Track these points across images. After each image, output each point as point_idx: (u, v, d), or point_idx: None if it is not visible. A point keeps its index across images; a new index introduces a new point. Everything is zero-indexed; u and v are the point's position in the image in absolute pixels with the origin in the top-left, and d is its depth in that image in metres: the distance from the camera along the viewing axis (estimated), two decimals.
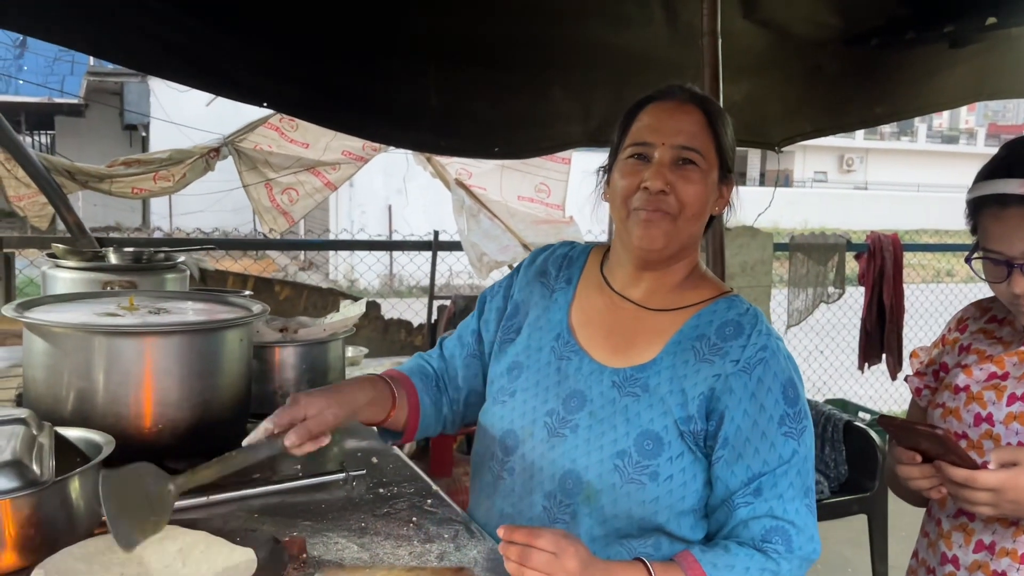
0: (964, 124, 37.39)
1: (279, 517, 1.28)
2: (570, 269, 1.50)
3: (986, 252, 1.37)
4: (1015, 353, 1.39)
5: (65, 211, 3.54)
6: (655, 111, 1.37)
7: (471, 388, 1.54)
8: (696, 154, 1.33)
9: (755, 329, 1.33)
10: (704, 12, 2.73)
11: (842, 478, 3.09)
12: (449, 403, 1.55)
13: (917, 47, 3.52)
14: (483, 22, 3.05)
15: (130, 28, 2.67)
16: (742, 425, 1.27)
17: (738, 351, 1.30)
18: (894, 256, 5.06)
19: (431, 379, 1.54)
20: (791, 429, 1.28)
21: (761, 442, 1.26)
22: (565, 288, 1.48)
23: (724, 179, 1.39)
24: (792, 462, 1.26)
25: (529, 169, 4.23)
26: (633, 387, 1.33)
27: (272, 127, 3.92)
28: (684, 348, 1.34)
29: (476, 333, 1.55)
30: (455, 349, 1.56)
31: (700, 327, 1.35)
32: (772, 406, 1.28)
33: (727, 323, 1.34)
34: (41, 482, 1.04)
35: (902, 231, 18.25)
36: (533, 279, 1.52)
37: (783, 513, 1.24)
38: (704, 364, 1.31)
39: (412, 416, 1.46)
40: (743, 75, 3.54)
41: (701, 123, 1.35)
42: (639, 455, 1.28)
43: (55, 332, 1.35)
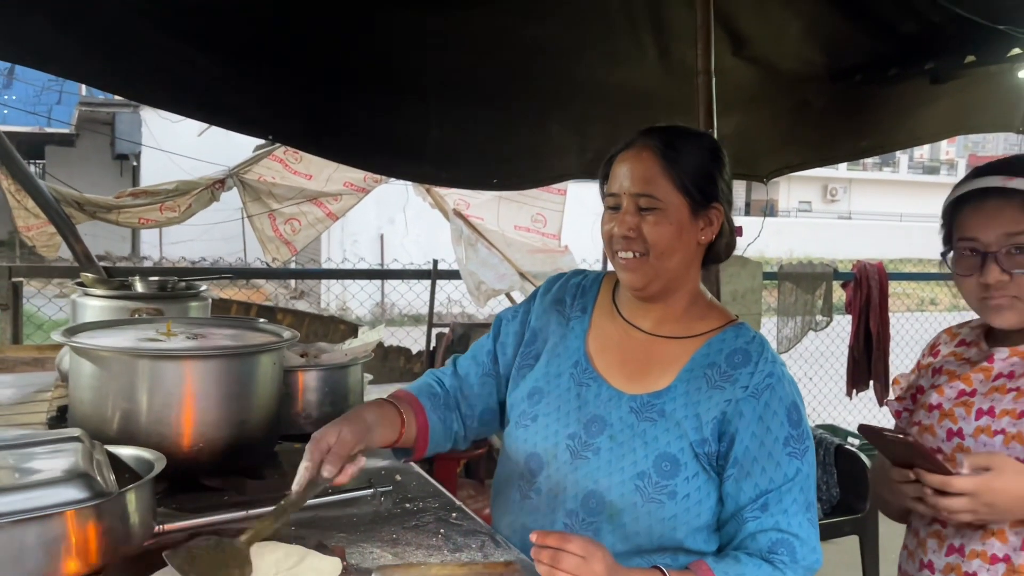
0: (945, 155, 37.93)
1: (315, 529, 1.36)
2: (584, 298, 1.59)
3: (961, 243, 1.44)
4: (980, 370, 1.47)
5: (73, 241, 3.61)
6: (619, 162, 1.47)
7: (485, 406, 1.62)
8: (650, 199, 1.42)
9: (762, 357, 1.43)
10: (699, 52, 2.84)
11: (834, 500, 3.18)
12: (460, 420, 1.61)
13: (900, 83, 3.65)
14: (483, 58, 3.16)
15: (138, 63, 2.74)
16: (750, 446, 1.37)
17: (747, 378, 1.40)
18: (880, 285, 5.19)
19: (439, 398, 1.60)
20: (795, 449, 1.38)
21: (768, 462, 1.37)
22: (581, 316, 1.57)
23: (704, 208, 1.45)
24: (796, 480, 1.36)
25: (526, 200, 4.34)
26: (650, 412, 1.42)
27: (276, 159, 4.02)
28: (697, 375, 1.43)
29: (492, 354, 1.63)
30: (470, 368, 1.63)
31: (711, 355, 1.45)
32: (778, 428, 1.38)
33: (736, 351, 1.44)
34: (108, 493, 1.12)
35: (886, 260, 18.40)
36: (550, 307, 1.60)
37: (788, 527, 1.34)
38: (716, 391, 1.41)
39: (421, 434, 1.53)
40: (733, 110, 3.65)
41: (656, 167, 1.42)
42: (658, 476, 1.38)
43: (102, 356, 1.43)
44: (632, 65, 3.31)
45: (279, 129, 3.30)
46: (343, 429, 1.34)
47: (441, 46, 3.08)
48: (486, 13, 3.02)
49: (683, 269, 1.47)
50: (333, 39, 2.97)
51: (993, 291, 1.42)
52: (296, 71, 3.05)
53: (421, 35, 3.03)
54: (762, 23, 3.36)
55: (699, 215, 1.45)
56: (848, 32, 3.45)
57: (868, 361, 5.20)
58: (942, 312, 12.15)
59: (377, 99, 3.25)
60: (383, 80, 3.17)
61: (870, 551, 3.14)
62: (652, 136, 1.47)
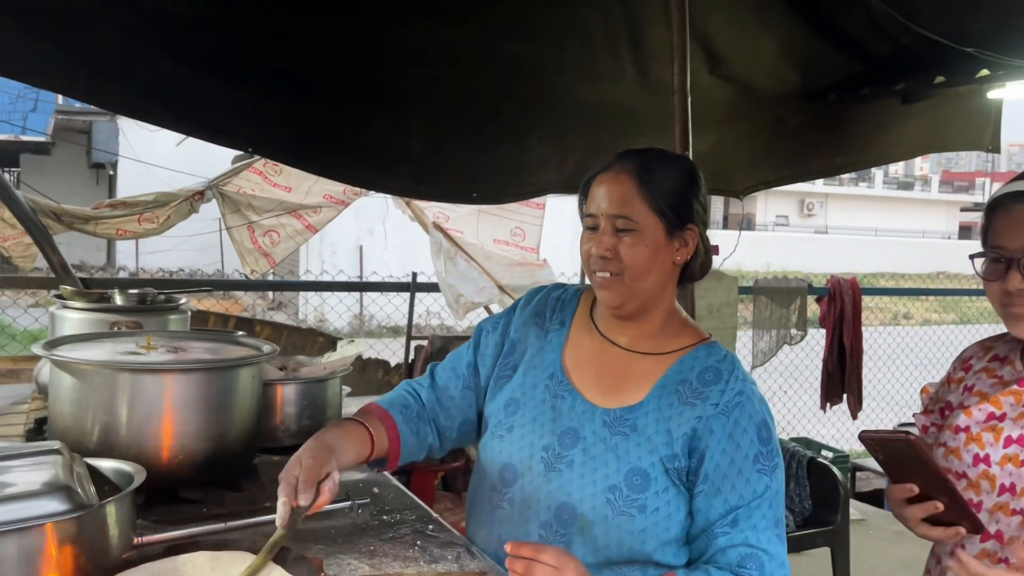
0: (919, 171, 38.49)
1: (293, 541, 1.37)
2: (563, 312, 1.62)
3: (989, 249, 1.42)
4: (1010, 392, 1.43)
5: (50, 252, 3.60)
6: (597, 183, 1.51)
7: (465, 417, 1.63)
8: (627, 220, 1.46)
9: (732, 375, 1.46)
10: (675, 72, 2.89)
11: (807, 512, 3.23)
12: (436, 432, 1.63)
13: (872, 102, 3.73)
14: (464, 74, 3.19)
15: (116, 75, 2.74)
16: (720, 462, 1.40)
17: (717, 395, 1.44)
18: (853, 299, 5.26)
19: (412, 409, 1.61)
20: (764, 466, 1.41)
21: (737, 478, 1.39)
22: (559, 330, 1.60)
23: (679, 230, 1.49)
24: (765, 496, 1.39)
25: (505, 214, 4.37)
26: (623, 427, 1.45)
27: (256, 171, 4.02)
28: (669, 392, 1.46)
29: (472, 366, 1.65)
30: (449, 379, 1.65)
31: (683, 372, 1.48)
32: (747, 446, 1.41)
33: (707, 369, 1.47)
34: (88, 505, 1.13)
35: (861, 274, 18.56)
36: (529, 319, 1.63)
37: (757, 542, 1.37)
38: (687, 407, 1.44)
39: (393, 446, 1.55)
40: (710, 127, 3.71)
41: (632, 190, 1.46)
42: (629, 489, 1.40)
43: (83, 369, 1.44)
44: (610, 82, 3.36)
45: (259, 141, 3.30)
46: (303, 458, 1.35)
47: (422, 61, 3.11)
48: (468, 30, 3.05)
49: (658, 288, 1.50)
50: (314, 52, 2.98)
51: (1014, 298, 1.40)
52: (277, 84, 3.06)
53: (402, 50, 3.06)
54: (738, 42, 3.42)
55: (674, 236, 1.49)
56: (822, 52, 3.52)
57: (842, 375, 5.27)
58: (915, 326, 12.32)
59: (358, 113, 3.27)
60: (364, 94, 3.19)
61: (841, 563, 3.18)
62: (629, 159, 1.50)
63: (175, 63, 2.80)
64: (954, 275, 25.78)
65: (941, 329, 8.55)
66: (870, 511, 4.75)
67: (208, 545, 1.28)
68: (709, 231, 1.59)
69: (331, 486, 1.33)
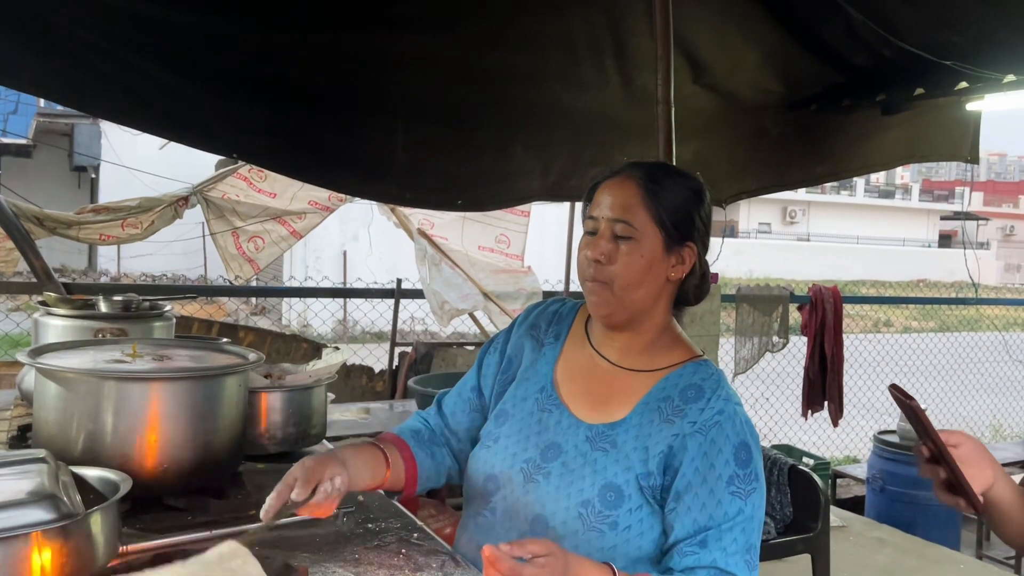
0: (900, 180, 38.84)
1: (279, 550, 1.38)
2: (559, 325, 1.62)
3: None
4: None
5: (33, 257, 3.58)
6: (603, 188, 1.51)
7: (474, 440, 1.61)
8: (626, 225, 1.44)
9: (715, 394, 1.44)
10: (659, 82, 2.92)
11: (787, 519, 3.25)
12: (451, 455, 1.64)
13: (853, 113, 3.78)
14: (449, 82, 3.20)
15: (99, 79, 2.73)
16: (692, 481, 1.39)
17: (696, 413, 1.42)
18: (834, 308, 5.31)
19: (423, 434, 1.63)
20: (739, 489, 1.38)
21: (709, 498, 1.37)
22: (553, 343, 1.60)
23: (678, 245, 1.47)
24: (737, 520, 1.37)
25: (490, 221, 4.39)
26: (603, 442, 1.45)
27: (241, 177, 4.02)
28: (651, 408, 1.45)
29: (476, 389, 1.66)
30: (456, 405, 1.66)
31: (667, 389, 1.47)
32: (722, 466, 1.38)
33: (690, 386, 1.46)
34: (74, 514, 1.13)
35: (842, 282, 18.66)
36: (525, 333, 1.64)
37: (725, 565, 1.35)
38: (666, 424, 1.43)
39: (410, 471, 1.55)
40: (693, 136, 3.74)
41: (636, 196, 1.45)
42: (601, 505, 1.40)
43: (68, 377, 1.44)
44: (594, 91, 3.39)
45: (244, 147, 3.30)
46: (307, 460, 1.36)
47: (408, 69, 3.12)
48: (454, 39, 3.07)
49: (648, 302, 1.49)
50: (300, 59, 2.99)
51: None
52: (262, 90, 3.06)
53: (387, 58, 3.08)
54: (721, 53, 3.46)
55: (672, 251, 1.47)
56: (804, 63, 3.56)
57: (823, 382, 5.31)
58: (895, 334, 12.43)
59: (343, 119, 3.28)
60: (349, 101, 3.20)
61: (821, 569, 3.21)
62: (638, 167, 1.50)
63: (159, 68, 2.80)
64: (934, 283, 26.05)
65: (921, 337, 8.65)
66: (850, 518, 4.79)
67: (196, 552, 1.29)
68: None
69: (329, 489, 1.32)
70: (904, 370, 7.95)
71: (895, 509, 4.79)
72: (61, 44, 2.59)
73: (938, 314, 17.13)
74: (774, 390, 6.78)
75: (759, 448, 1.45)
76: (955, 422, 8.14)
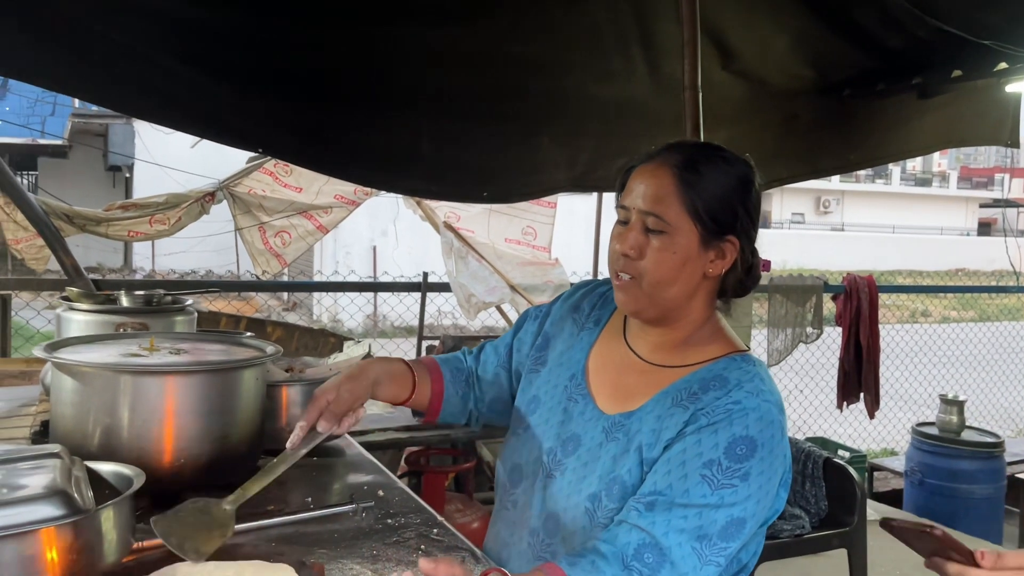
0: (937, 167, 38.12)
1: (296, 546, 1.36)
2: (602, 310, 1.53)
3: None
4: None
5: (63, 254, 3.61)
6: (636, 175, 1.38)
7: (495, 395, 1.61)
8: (658, 220, 1.32)
9: (738, 386, 1.29)
10: (686, 68, 2.86)
11: (822, 513, 3.18)
12: (475, 400, 1.63)
13: (888, 97, 3.69)
14: (474, 74, 3.17)
15: (127, 77, 2.75)
16: (672, 454, 1.27)
17: (712, 401, 1.29)
18: (870, 297, 5.21)
19: (462, 373, 1.62)
20: (714, 477, 1.23)
21: (677, 469, 1.25)
22: (592, 329, 1.52)
23: (717, 239, 1.34)
24: (695, 504, 1.22)
25: (516, 212, 4.35)
26: (617, 432, 1.36)
27: (267, 172, 4.02)
28: (668, 396, 1.35)
29: (509, 348, 1.62)
30: (490, 355, 1.64)
31: (691, 381, 1.34)
32: (708, 448, 1.25)
33: (716, 378, 1.33)
34: (85, 510, 1.11)
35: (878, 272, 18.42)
36: (567, 313, 1.57)
37: (660, 536, 1.21)
38: (679, 409, 1.31)
39: (435, 400, 1.56)
40: (722, 124, 3.67)
41: (670, 186, 1.32)
42: (608, 499, 1.31)
43: (84, 371, 1.43)
44: (622, 80, 3.34)
45: (269, 142, 3.31)
46: (342, 387, 1.38)
47: (432, 62, 3.10)
48: (477, 30, 3.04)
49: (682, 299, 1.36)
50: (323, 53, 2.98)
51: None
52: (286, 84, 3.06)
53: (411, 51, 3.05)
54: (750, 38, 3.39)
55: (710, 246, 1.34)
56: (835, 47, 3.48)
57: (858, 373, 5.22)
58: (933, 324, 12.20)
59: (368, 113, 3.27)
60: (373, 94, 3.19)
61: (858, 564, 3.14)
62: (675, 152, 1.36)
63: (183, 65, 2.81)
64: (973, 272, 25.56)
65: (960, 327, 8.46)
66: (889, 511, 4.69)
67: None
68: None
69: (353, 421, 1.37)
70: (942, 360, 7.79)
71: (935, 503, 4.68)
72: (87, 42, 2.60)
73: (977, 303, 16.81)
74: (808, 382, 6.68)
75: (773, 456, 1.27)
76: (995, 414, 7.97)
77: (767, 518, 1.33)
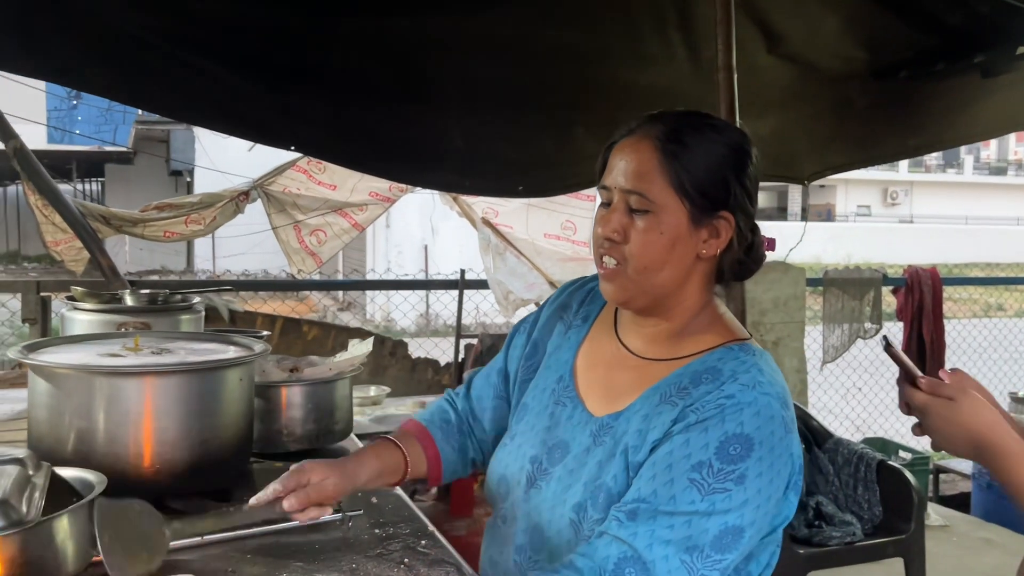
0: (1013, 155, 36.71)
1: (271, 558, 1.27)
2: (590, 306, 1.41)
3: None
4: None
5: (99, 255, 3.63)
6: (617, 151, 1.26)
7: (499, 431, 1.44)
8: (642, 198, 1.20)
9: (733, 378, 1.17)
10: (719, 47, 2.72)
11: (876, 519, 3.00)
12: (476, 445, 1.49)
13: (948, 78, 3.48)
14: (506, 64, 3.09)
15: (160, 79, 2.76)
16: (659, 455, 1.15)
17: (702, 395, 1.17)
18: (933, 290, 4.96)
19: (452, 425, 1.47)
20: (703, 481, 1.11)
21: (663, 473, 1.13)
22: (580, 327, 1.39)
23: (708, 216, 1.22)
24: (683, 512, 1.11)
25: (555, 207, 4.25)
26: (604, 436, 1.24)
27: (300, 170, 4.00)
28: (657, 392, 1.22)
29: (503, 373, 1.48)
30: (483, 390, 1.49)
31: (683, 375, 1.22)
32: (698, 449, 1.13)
33: (708, 370, 1.20)
34: (24, 522, 1.04)
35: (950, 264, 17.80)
36: (554, 315, 1.44)
37: (643, 548, 1.10)
38: (667, 406, 1.19)
39: (433, 467, 1.43)
40: (769, 110, 3.53)
41: (652, 160, 1.21)
42: (593, 509, 1.19)
43: (57, 373, 1.37)
44: (660, 66, 3.21)
45: (302, 139, 3.29)
46: (330, 477, 1.25)
47: (461, 52, 3.03)
48: (506, 18, 2.95)
49: (674, 285, 1.24)
50: (352, 48, 2.94)
51: None
52: (315, 81, 3.03)
53: (441, 42, 2.99)
54: (798, 19, 3.22)
55: (702, 224, 1.22)
56: (889, 26, 3.29)
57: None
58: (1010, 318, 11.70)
59: (397, 107, 3.22)
60: (403, 88, 3.14)
61: (916, 574, 2.94)
62: (657, 123, 1.24)
63: (214, 64, 2.81)
64: None
65: None
66: (954, 516, 4.44)
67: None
68: (787, 223, 1.35)
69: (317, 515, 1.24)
70: (1016, 356, 7.45)
71: (1004, 507, 4.41)
72: (118, 42, 2.60)
73: None
74: (867, 379, 6.41)
75: (775, 455, 1.14)
76: None
77: (774, 525, 1.20)
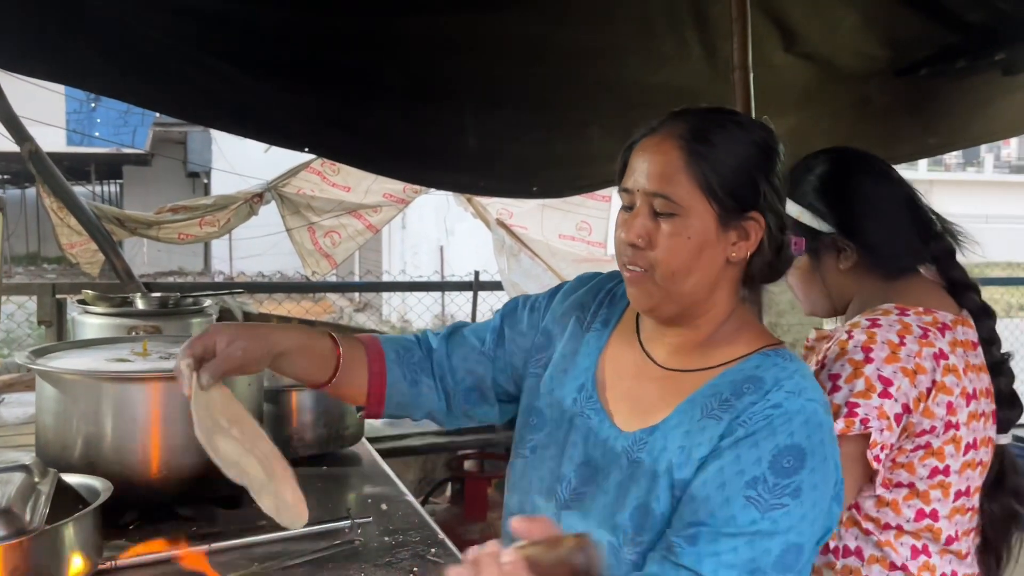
0: None
1: (278, 567, 1.25)
2: (611, 308, 1.33)
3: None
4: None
5: (114, 257, 3.63)
6: (638, 152, 1.20)
7: (472, 384, 1.37)
8: (667, 201, 1.15)
9: (777, 385, 1.12)
10: (735, 46, 2.68)
11: None
12: (441, 391, 1.37)
13: (969, 76, 3.43)
14: (520, 65, 3.06)
15: (175, 81, 2.76)
16: (709, 474, 1.10)
17: (748, 407, 1.12)
18: None
19: (412, 354, 1.36)
20: (760, 497, 1.07)
21: (717, 492, 1.09)
22: (600, 331, 1.31)
23: (737, 218, 1.17)
24: (745, 533, 1.07)
25: (570, 208, 4.23)
26: (639, 452, 1.18)
27: (314, 171, 4.00)
28: (695, 406, 1.17)
29: (497, 331, 1.39)
30: (468, 338, 1.39)
31: (719, 385, 1.17)
32: (751, 465, 1.08)
33: (749, 379, 1.15)
34: (27, 531, 1.03)
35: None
36: (569, 310, 1.36)
37: (709, 574, 1.06)
38: (711, 421, 1.14)
39: (375, 384, 1.30)
40: (787, 109, 3.48)
41: (677, 161, 1.15)
42: (633, 529, 1.14)
43: (64, 379, 1.36)
44: (676, 65, 3.18)
45: (316, 141, 3.29)
46: (239, 340, 1.14)
47: (475, 52, 3.01)
48: (520, 17, 2.92)
49: (704, 292, 1.19)
50: (365, 48, 2.92)
51: None
52: (328, 82, 3.02)
53: (454, 42, 2.97)
54: (815, 17, 3.18)
55: (731, 226, 1.17)
56: (909, 24, 3.25)
57: None
58: None
59: (411, 108, 3.20)
60: (417, 88, 3.12)
61: None
62: (681, 121, 1.19)
63: (227, 64, 2.80)
64: None
65: None
66: None
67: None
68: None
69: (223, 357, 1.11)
70: None
71: None
72: (132, 45, 2.60)
73: None
74: None
75: (825, 465, 1.11)
76: None
77: (817, 538, 1.14)
